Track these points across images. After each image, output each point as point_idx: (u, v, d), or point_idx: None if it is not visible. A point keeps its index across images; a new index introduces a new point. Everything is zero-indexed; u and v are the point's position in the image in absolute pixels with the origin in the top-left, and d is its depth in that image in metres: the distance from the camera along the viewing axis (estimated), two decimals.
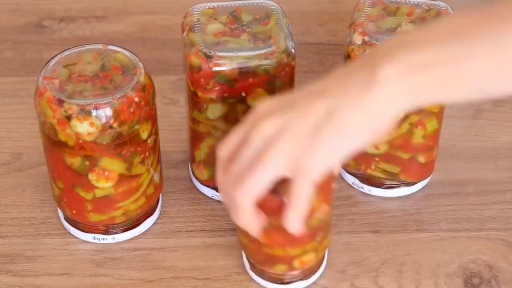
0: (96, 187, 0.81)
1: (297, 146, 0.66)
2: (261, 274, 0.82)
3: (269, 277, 0.82)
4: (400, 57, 0.64)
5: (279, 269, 0.79)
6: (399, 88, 0.64)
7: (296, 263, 0.78)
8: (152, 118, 0.82)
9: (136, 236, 0.88)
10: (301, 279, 0.82)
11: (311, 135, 0.65)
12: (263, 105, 0.70)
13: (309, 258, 0.79)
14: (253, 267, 0.83)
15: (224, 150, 0.70)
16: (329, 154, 0.66)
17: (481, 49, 0.63)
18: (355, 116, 0.65)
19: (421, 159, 0.88)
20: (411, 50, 0.64)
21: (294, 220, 0.69)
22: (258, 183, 0.67)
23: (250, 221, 0.71)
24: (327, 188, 0.74)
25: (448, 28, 0.65)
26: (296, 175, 0.67)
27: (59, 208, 0.87)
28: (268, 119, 0.67)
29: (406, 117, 0.85)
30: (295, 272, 0.80)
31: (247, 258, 0.83)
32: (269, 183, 0.67)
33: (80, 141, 0.78)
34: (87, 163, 0.79)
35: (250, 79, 0.81)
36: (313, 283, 0.83)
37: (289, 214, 0.69)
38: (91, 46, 0.83)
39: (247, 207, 0.69)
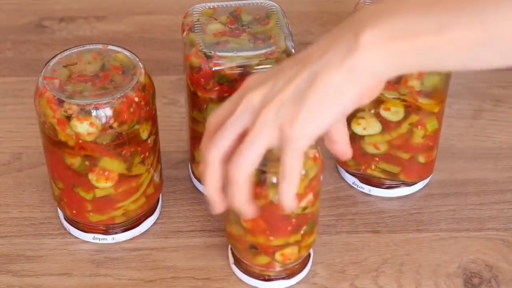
0: (96, 187, 0.81)
1: (282, 114, 0.66)
2: (244, 269, 0.82)
3: (251, 273, 0.82)
4: (383, 23, 0.65)
5: (261, 261, 0.79)
6: (381, 53, 0.64)
7: (278, 256, 0.79)
8: (152, 118, 0.82)
9: (136, 236, 0.88)
10: (284, 278, 0.82)
11: (294, 101, 0.66)
12: (252, 77, 0.71)
13: (291, 252, 0.79)
14: (236, 262, 0.83)
15: (212, 121, 0.71)
16: (313, 120, 0.66)
17: (464, 19, 0.63)
18: (337, 79, 0.65)
19: (421, 159, 0.88)
20: (395, 16, 0.65)
21: (288, 192, 0.69)
22: (252, 156, 0.68)
23: (244, 195, 0.70)
24: (315, 177, 0.75)
25: None
26: (283, 144, 0.67)
27: (59, 208, 0.87)
28: (254, 89, 0.68)
29: (406, 117, 0.85)
30: (277, 267, 0.80)
31: (231, 250, 0.83)
32: (261, 154, 0.68)
33: (80, 141, 0.78)
34: (87, 163, 0.79)
35: None
36: (314, 283, 0.83)
37: (282, 187, 0.69)
38: (91, 46, 0.83)
39: (243, 181, 0.69)
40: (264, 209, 0.73)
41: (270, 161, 0.72)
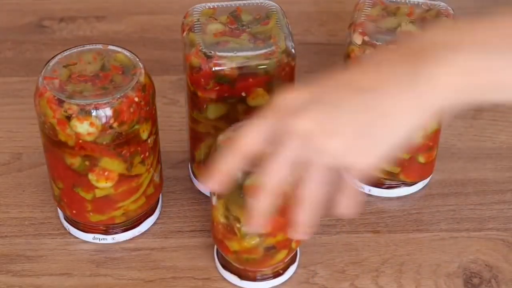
0: (96, 187, 0.81)
1: (346, 146, 0.63)
2: (237, 272, 0.82)
3: (244, 276, 0.82)
4: (451, 59, 0.61)
5: (280, 257, 0.79)
6: (451, 90, 0.61)
7: (293, 244, 0.79)
8: (152, 118, 0.82)
9: (136, 236, 0.87)
10: (273, 277, 0.83)
11: (358, 133, 0.62)
12: (287, 98, 0.65)
13: None
14: (228, 265, 0.83)
15: (248, 142, 0.65)
16: (377, 152, 0.63)
17: None
18: (405, 114, 0.62)
19: (421, 159, 0.88)
20: (464, 50, 0.61)
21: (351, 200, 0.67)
22: (319, 183, 0.65)
23: (315, 213, 0.67)
24: None
25: (505, 30, 0.62)
26: (345, 172, 0.64)
27: (59, 208, 0.87)
28: (302, 115, 0.63)
29: None
30: (289, 256, 0.81)
31: (220, 258, 0.83)
32: (327, 175, 0.65)
33: (80, 141, 0.78)
34: (87, 163, 0.79)
35: (250, 79, 0.81)
36: (314, 283, 0.83)
37: (345, 195, 0.66)
38: (91, 46, 0.83)
39: (315, 203, 0.66)
40: (283, 205, 0.74)
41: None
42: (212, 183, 0.69)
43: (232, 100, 0.82)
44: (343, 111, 0.63)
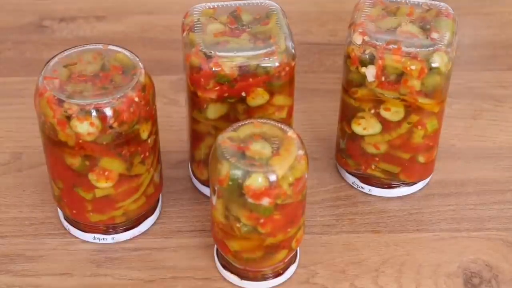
0: (96, 187, 0.81)
1: None
2: (237, 272, 0.82)
3: (244, 276, 0.82)
4: None
5: (280, 257, 0.79)
6: None
7: (293, 244, 0.79)
8: (152, 118, 0.82)
9: (136, 236, 0.88)
10: (275, 277, 0.83)
11: None
12: None
13: (301, 234, 0.80)
14: (228, 265, 0.83)
15: None
16: None
17: None
18: None
19: (421, 159, 0.88)
20: None
21: None
22: None
23: None
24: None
25: None
26: None
27: (59, 208, 0.87)
28: None
29: (406, 117, 0.85)
30: (289, 256, 0.81)
31: (220, 258, 0.83)
32: None
33: (80, 141, 0.78)
34: (87, 163, 0.79)
35: (250, 79, 0.81)
36: (314, 283, 0.83)
37: None
38: (91, 46, 0.83)
39: None
40: (283, 205, 0.74)
41: (267, 160, 0.73)
42: None
43: (232, 100, 0.83)
44: None
